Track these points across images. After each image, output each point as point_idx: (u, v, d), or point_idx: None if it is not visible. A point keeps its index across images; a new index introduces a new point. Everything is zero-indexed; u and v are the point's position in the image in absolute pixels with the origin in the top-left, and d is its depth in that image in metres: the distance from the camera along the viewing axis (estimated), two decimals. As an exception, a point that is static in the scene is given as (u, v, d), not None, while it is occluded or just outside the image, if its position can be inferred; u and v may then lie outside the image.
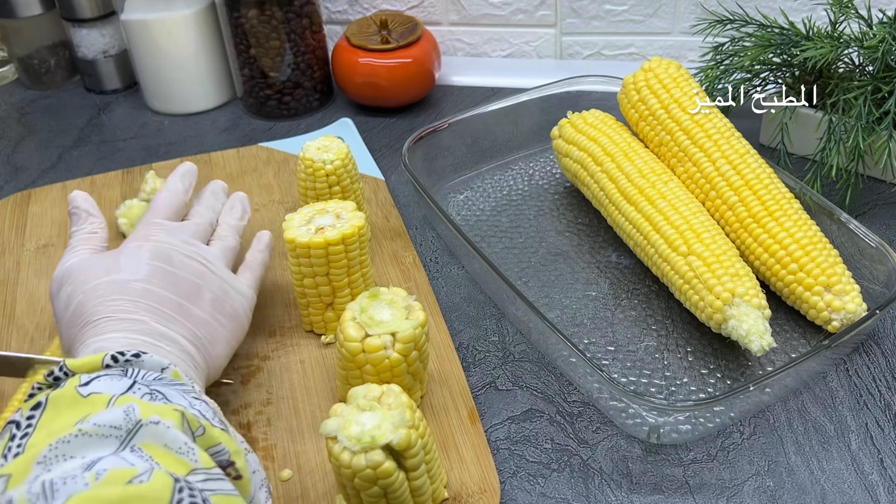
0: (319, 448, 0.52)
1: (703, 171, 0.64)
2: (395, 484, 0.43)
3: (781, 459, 0.51)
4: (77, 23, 0.91)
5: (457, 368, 0.58)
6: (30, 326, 0.63)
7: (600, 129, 0.68)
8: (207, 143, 0.86)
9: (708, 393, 0.55)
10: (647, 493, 0.50)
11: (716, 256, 0.58)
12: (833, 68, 0.71)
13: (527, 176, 0.77)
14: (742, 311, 0.54)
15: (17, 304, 0.65)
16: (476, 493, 0.49)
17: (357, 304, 0.51)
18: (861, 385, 0.56)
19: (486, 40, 0.96)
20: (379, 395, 0.44)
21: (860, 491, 0.49)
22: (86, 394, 0.38)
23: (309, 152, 0.65)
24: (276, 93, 0.88)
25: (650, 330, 0.61)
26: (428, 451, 0.45)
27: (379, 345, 0.50)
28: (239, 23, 0.83)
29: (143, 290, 0.50)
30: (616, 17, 0.91)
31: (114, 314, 0.48)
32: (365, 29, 0.88)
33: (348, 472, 0.42)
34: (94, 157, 0.85)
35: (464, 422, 0.54)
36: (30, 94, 0.98)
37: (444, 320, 0.62)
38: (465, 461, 0.51)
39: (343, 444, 0.42)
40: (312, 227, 0.57)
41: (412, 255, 0.68)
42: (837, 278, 0.57)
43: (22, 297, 0.65)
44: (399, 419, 0.43)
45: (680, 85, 0.67)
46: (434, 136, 0.74)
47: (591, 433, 0.54)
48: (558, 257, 0.68)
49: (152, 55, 0.88)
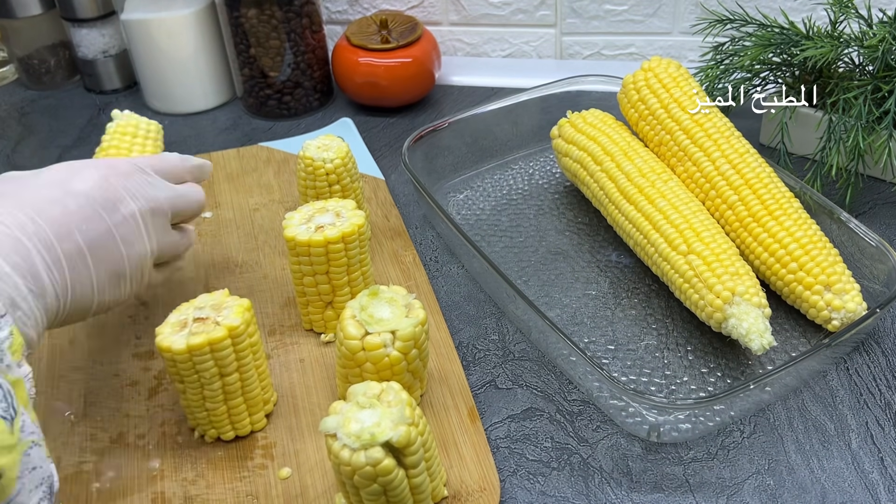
0: (319, 446, 0.52)
1: (703, 171, 0.64)
2: (394, 481, 0.43)
3: (782, 458, 0.51)
4: (77, 23, 0.91)
5: (457, 367, 0.58)
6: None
7: (600, 129, 0.68)
8: (207, 143, 0.86)
9: (708, 391, 0.55)
10: (647, 491, 0.50)
11: (716, 255, 0.58)
12: (833, 68, 0.71)
13: (527, 175, 0.77)
14: (742, 309, 0.54)
15: None
16: (476, 492, 0.49)
17: (357, 303, 0.51)
18: (861, 384, 0.56)
19: (486, 40, 0.96)
20: (378, 392, 0.44)
21: (860, 490, 0.49)
22: None
23: (309, 151, 0.65)
24: (276, 92, 0.88)
25: (650, 329, 0.60)
26: (427, 448, 0.45)
27: (379, 343, 0.50)
28: (239, 22, 0.84)
29: (39, 208, 0.45)
30: (616, 16, 0.91)
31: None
32: (365, 29, 0.88)
33: (348, 470, 0.42)
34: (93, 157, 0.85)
35: (463, 420, 0.54)
36: (30, 94, 0.98)
37: (443, 319, 0.62)
38: (465, 459, 0.51)
39: (343, 442, 0.42)
40: (312, 226, 0.57)
41: (412, 254, 0.68)
42: (837, 277, 0.57)
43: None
44: (399, 416, 0.42)
45: (680, 85, 0.67)
46: (434, 135, 0.74)
47: (591, 432, 0.54)
48: (558, 256, 0.68)
49: (152, 55, 0.88)
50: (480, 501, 0.49)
